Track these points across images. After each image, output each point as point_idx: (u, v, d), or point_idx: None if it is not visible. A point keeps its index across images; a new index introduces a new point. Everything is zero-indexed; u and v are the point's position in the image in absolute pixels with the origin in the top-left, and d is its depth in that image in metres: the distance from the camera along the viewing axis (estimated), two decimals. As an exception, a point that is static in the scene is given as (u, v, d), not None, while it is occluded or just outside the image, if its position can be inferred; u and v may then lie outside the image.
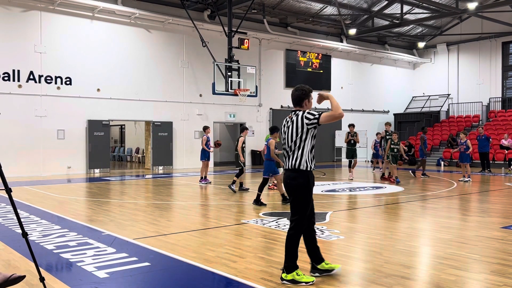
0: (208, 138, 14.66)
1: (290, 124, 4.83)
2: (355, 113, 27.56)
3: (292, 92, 5.00)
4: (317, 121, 4.69)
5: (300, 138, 4.73)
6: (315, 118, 4.69)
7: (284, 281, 4.62)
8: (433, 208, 9.73)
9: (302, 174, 4.69)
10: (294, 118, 4.81)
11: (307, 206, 4.73)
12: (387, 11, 25.37)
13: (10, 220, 8.11)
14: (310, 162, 4.72)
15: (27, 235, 4.09)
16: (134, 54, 19.74)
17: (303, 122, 4.71)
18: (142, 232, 7.17)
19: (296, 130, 4.75)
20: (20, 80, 17.07)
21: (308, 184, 4.70)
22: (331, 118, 4.66)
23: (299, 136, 4.73)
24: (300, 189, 4.68)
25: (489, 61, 27.47)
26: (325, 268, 4.82)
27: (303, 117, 4.73)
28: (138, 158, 25.82)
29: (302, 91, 4.94)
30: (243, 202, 10.69)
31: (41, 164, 17.47)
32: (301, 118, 4.73)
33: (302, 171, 4.68)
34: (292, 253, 4.67)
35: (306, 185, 4.68)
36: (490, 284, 4.61)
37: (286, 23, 24.50)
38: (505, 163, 20.68)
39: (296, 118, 4.79)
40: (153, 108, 20.23)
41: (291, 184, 4.72)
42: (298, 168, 4.68)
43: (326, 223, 7.86)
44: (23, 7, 17.14)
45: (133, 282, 4.73)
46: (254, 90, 18.37)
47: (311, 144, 4.76)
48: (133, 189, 13.63)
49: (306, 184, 4.68)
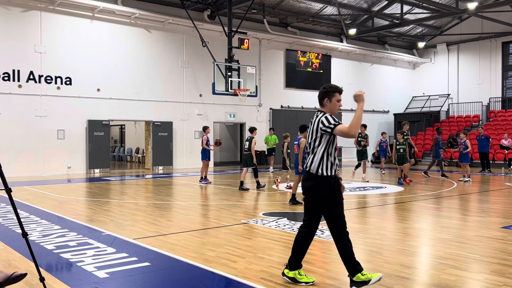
0: (208, 138, 14.65)
1: (310, 125, 4.63)
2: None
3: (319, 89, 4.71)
4: (330, 130, 4.39)
5: (314, 141, 4.51)
6: (329, 126, 4.39)
7: (285, 276, 4.61)
8: (433, 208, 9.73)
9: (313, 178, 4.45)
10: (313, 119, 4.58)
11: (315, 210, 4.49)
12: (387, 11, 25.37)
13: (10, 220, 8.11)
14: (325, 168, 4.42)
15: (27, 235, 4.09)
16: (134, 54, 19.74)
17: (318, 126, 4.46)
18: (142, 232, 7.17)
19: (312, 132, 4.54)
20: (20, 80, 17.07)
21: (317, 188, 4.42)
22: (343, 134, 4.32)
23: (313, 139, 4.52)
24: (309, 192, 4.49)
25: (489, 61, 27.46)
26: (360, 280, 4.33)
27: (320, 120, 4.46)
28: (138, 158, 25.82)
29: (323, 89, 4.60)
30: (243, 202, 10.70)
31: (41, 164, 17.47)
32: (317, 121, 4.48)
33: (313, 175, 4.46)
34: (297, 251, 4.58)
35: (315, 189, 4.43)
36: (490, 284, 4.61)
37: (286, 23, 24.50)
38: (505, 163, 20.68)
39: (313, 119, 4.57)
40: (153, 108, 20.23)
41: (302, 185, 4.59)
42: (309, 170, 4.50)
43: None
44: (23, 7, 17.14)
45: (133, 282, 4.73)
46: (254, 90, 18.38)
47: (328, 149, 4.46)
48: (133, 189, 13.63)
49: (316, 188, 4.43)
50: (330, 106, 4.55)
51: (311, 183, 4.47)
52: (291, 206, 9.79)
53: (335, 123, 4.37)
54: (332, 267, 5.22)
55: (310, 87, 25.58)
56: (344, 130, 4.29)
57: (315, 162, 4.46)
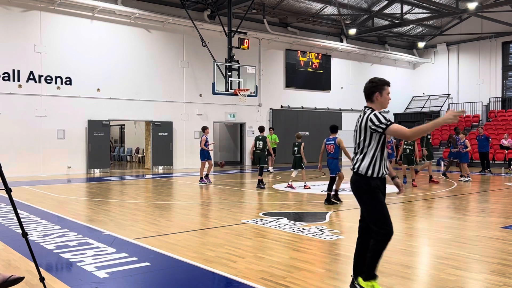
0: (207, 138, 14.51)
1: (357, 123, 4.29)
2: (355, 113, 27.56)
3: (365, 84, 4.37)
4: (382, 130, 4.06)
5: (363, 141, 4.18)
6: (380, 125, 4.06)
7: (358, 286, 4.20)
8: (433, 208, 9.73)
9: (361, 178, 4.15)
10: (360, 116, 4.26)
11: (375, 208, 4.12)
12: (387, 11, 25.37)
13: (10, 220, 8.11)
14: (376, 169, 4.13)
15: (27, 235, 4.10)
16: (134, 54, 19.74)
17: (367, 124, 4.12)
18: (142, 232, 7.17)
19: (359, 131, 4.20)
20: (20, 80, 17.07)
21: (369, 188, 4.12)
22: (399, 135, 4.05)
23: (362, 138, 4.18)
24: (360, 193, 4.19)
25: (489, 61, 27.46)
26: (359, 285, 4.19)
27: (368, 118, 4.12)
28: (138, 158, 25.82)
29: (372, 83, 4.28)
30: (243, 202, 10.70)
31: (41, 164, 17.46)
32: (366, 119, 4.14)
33: (361, 175, 4.16)
34: (376, 261, 4.14)
35: (366, 189, 4.14)
36: (490, 284, 4.61)
37: (286, 23, 24.50)
38: (505, 163, 20.67)
39: (361, 117, 4.23)
40: (153, 108, 20.23)
41: (351, 187, 4.29)
42: (357, 171, 4.19)
43: (326, 223, 7.86)
44: (23, 7, 17.14)
45: (133, 282, 4.73)
46: (254, 90, 18.38)
47: (378, 149, 4.14)
48: (133, 189, 13.63)
49: (366, 188, 4.13)
50: (381, 100, 4.25)
51: (359, 184, 4.18)
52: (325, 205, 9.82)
53: (386, 122, 4.05)
54: (332, 267, 5.22)
55: (310, 87, 25.60)
56: (402, 131, 4.01)
57: (364, 163, 4.15)
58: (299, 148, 12.92)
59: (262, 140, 13.62)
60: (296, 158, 12.99)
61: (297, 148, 12.94)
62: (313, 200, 10.89)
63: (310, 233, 6.98)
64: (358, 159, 4.21)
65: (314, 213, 9.02)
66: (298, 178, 13.43)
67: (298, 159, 12.94)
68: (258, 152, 13.61)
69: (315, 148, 14.25)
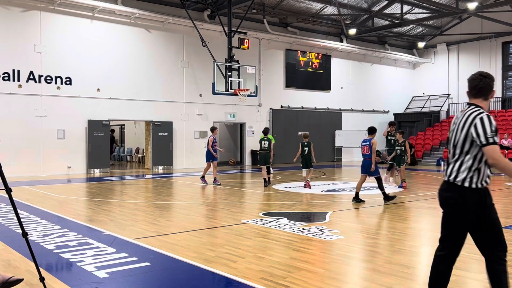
0: (215, 139, 14.20)
1: (458, 123, 3.57)
2: (355, 113, 27.59)
3: (474, 78, 3.62)
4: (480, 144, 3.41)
5: (462, 145, 3.52)
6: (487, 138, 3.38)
7: None
8: (433, 208, 9.72)
9: (458, 190, 3.50)
10: (465, 118, 3.53)
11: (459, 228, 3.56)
12: (387, 11, 25.37)
13: (10, 220, 8.11)
14: (475, 179, 3.46)
15: (27, 235, 4.10)
16: (134, 54, 19.74)
17: (469, 128, 3.45)
18: (142, 232, 7.17)
19: (459, 133, 3.54)
20: (20, 80, 17.06)
21: (463, 202, 3.47)
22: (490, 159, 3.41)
23: (462, 143, 3.52)
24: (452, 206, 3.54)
25: (489, 61, 27.46)
26: None
27: (473, 123, 3.44)
28: (138, 158, 25.82)
29: (487, 78, 3.58)
30: (243, 202, 10.70)
31: (41, 164, 17.46)
32: (471, 122, 3.45)
33: (458, 186, 3.50)
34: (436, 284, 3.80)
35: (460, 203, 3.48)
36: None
37: (286, 23, 24.50)
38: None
39: (462, 116, 3.56)
40: (153, 108, 20.23)
41: (441, 198, 3.64)
42: (451, 181, 3.55)
43: (326, 223, 7.86)
44: (23, 7, 17.14)
45: (133, 282, 4.73)
46: (254, 90, 18.37)
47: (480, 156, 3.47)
48: (133, 189, 13.63)
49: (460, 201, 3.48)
50: (489, 101, 3.66)
51: (454, 195, 3.52)
52: (354, 204, 9.98)
53: (492, 134, 3.39)
54: (332, 267, 5.22)
55: (310, 87, 25.60)
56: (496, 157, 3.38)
57: (462, 172, 3.49)
58: (309, 148, 13.09)
59: (267, 140, 14.00)
60: (305, 157, 13.10)
61: (307, 148, 13.08)
62: (313, 200, 10.89)
63: (310, 233, 6.98)
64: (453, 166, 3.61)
65: (314, 213, 9.02)
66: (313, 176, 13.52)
67: (308, 158, 13.07)
68: (262, 152, 13.89)
69: (315, 148, 14.26)
